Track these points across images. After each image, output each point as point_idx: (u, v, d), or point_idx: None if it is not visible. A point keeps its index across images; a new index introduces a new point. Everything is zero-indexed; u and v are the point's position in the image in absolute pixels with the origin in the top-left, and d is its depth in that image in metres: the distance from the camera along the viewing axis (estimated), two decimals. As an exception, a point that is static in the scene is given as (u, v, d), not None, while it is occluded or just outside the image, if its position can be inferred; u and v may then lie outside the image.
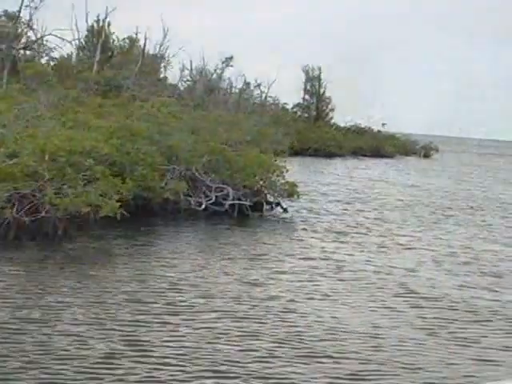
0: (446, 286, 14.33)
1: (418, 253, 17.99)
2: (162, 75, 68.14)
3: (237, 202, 21.94)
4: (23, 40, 54.23)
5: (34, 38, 56.26)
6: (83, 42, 63.48)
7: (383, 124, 76.82)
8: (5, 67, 46.04)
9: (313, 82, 73.97)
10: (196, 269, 14.29)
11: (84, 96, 42.26)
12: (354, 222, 22.50)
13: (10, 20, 48.02)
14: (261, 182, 23.28)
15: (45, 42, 56.65)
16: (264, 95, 72.09)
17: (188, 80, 68.68)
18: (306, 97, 74.38)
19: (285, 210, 23.30)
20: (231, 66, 69.40)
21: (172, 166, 21.78)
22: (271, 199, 23.66)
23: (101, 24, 63.11)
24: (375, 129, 74.79)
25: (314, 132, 60.55)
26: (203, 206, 21.31)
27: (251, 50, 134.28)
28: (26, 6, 51.54)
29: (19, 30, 51.71)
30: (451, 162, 67.77)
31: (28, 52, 58.03)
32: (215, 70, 69.39)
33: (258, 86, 71.56)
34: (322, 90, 73.65)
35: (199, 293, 12.25)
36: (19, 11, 47.69)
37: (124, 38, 66.75)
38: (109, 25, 64.37)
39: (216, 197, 21.82)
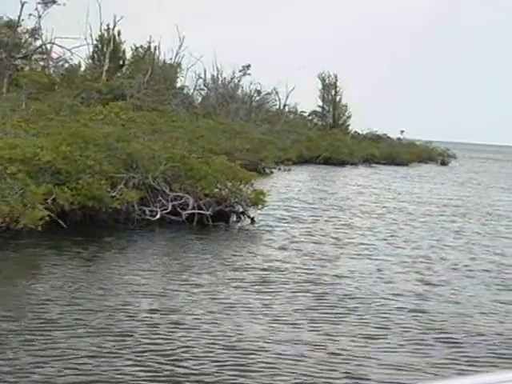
0: (371, 297, 13.52)
1: (365, 262, 17.24)
2: (178, 84, 67.99)
3: (195, 211, 21.16)
4: (31, 48, 54.05)
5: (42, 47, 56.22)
6: (91, 51, 63.39)
7: (401, 131, 75.95)
8: (5, 76, 45.82)
9: (329, 90, 73.19)
10: (106, 280, 13.62)
11: (80, 105, 41.90)
12: (319, 231, 21.78)
13: (10, 29, 47.86)
14: (226, 191, 22.42)
15: (53, 53, 56.56)
16: (282, 103, 71.54)
17: (201, 89, 68.34)
18: (321, 104, 73.65)
19: (252, 220, 22.41)
20: (248, 74, 69.01)
21: (129, 174, 21.12)
22: (238, 208, 22.77)
23: (110, 33, 62.97)
24: (394, 136, 73.98)
25: (326, 139, 59.61)
26: (158, 216, 20.59)
27: (270, 60, 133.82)
28: (30, 15, 51.51)
29: (22, 39, 51.59)
30: (466, 169, 66.59)
31: (41, 62, 58.05)
32: (232, 79, 68.97)
33: (276, 93, 71.00)
34: (338, 98, 72.84)
35: (85, 306, 11.55)
36: (18, 20, 47.57)
37: (137, 48, 66.67)
38: (119, 34, 64.22)
39: (173, 206, 21.09)
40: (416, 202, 31.80)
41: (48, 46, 54.88)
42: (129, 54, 65.94)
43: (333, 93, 72.88)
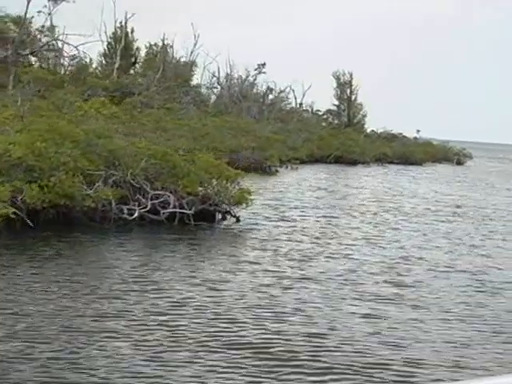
0: (329, 299, 12.95)
1: (339, 263, 16.68)
2: (194, 82, 67.70)
3: (176, 210, 20.61)
4: (39, 45, 53.80)
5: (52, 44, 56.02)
6: (104, 49, 63.25)
7: (417, 130, 75.16)
8: (11, 73, 45.57)
9: (344, 88, 72.48)
10: (55, 282, 13.14)
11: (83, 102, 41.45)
12: (304, 230, 21.25)
13: (17, 25, 47.66)
14: (210, 189, 21.84)
15: (66, 51, 56.38)
16: (298, 101, 71.04)
17: (214, 87, 68.01)
18: (337, 103, 72.97)
19: (237, 219, 21.86)
20: (264, 72, 68.59)
21: (110, 171, 20.65)
22: (224, 207, 22.15)
23: (122, 30, 62.76)
24: (411, 136, 73.27)
25: (338, 138, 58.93)
26: (135, 215, 20.05)
27: (285, 59, 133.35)
28: (39, 12, 51.35)
29: (30, 36, 51.37)
30: (481, 169, 65.61)
31: (51, 60, 57.88)
32: (247, 77, 68.58)
33: (292, 91, 70.53)
34: (353, 96, 72.09)
35: (16, 310, 11.08)
36: (25, 16, 47.38)
37: (151, 45, 66.45)
38: (132, 31, 63.98)
39: (153, 205, 20.55)
40: (416, 202, 31.15)
41: (59, 44, 54.76)
42: (143, 52, 65.84)
43: (348, 91, 72.19)
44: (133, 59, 64.43)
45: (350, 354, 9.87)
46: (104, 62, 62.57)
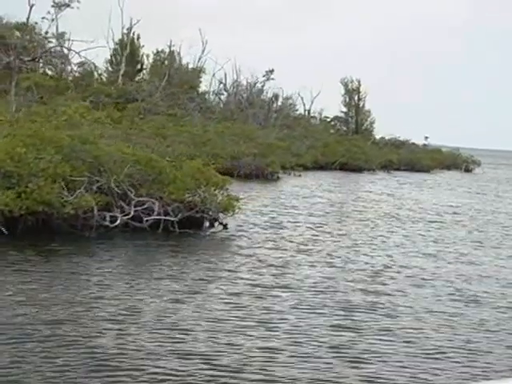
0: (298, 309, 12.57)
1: (320, 271, 16.29)
2: (202, 89, 67.52)
3: (160, 217, 20.21)
4: (41, 51, 53.73)
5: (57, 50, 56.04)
6: (110, 55, 63.16)
7: (426, 137, 74.65)
8: (13, 79, 45.42)
9: (352, 95, 72.05)
10: (12, 289, 12.78)
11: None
12: (292, 237, 20.79)
13: (20, 31, 47.59)
14: (196, 196, 21.41)
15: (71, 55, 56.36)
16: (307, 108, 70.74)
17: (221, 93, 67.78)
18: (345, 109, 72.56)
19: (224, 227, 21.47)
20: (272, 79, 68.37)
21: (94, 177, 20.29)
22: (212, 215, 21.73)
23: (128, 37, 62.64)
24: (420, 142, 72.80)
25: (344, 145, 58.44)
26: (117, 222, 19.63)
27: (293, 65, 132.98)
28: (43, 18, 51.33)
29: (34, 42, 51.31)
30: (489, 176, 64.93)
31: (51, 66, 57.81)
32: (255, 84, 68.33)
33: (301, 98, 70.24)
34: (361, 103, 71.64)
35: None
36: (27, 22, 47.34)
37: (158, 52, 66.36)
38: (138, 38, 63.82)
39: (137, 212, 20.16)
40: (414, 209, 30.68)
41: (65, 50, 54.69)
42: (151, 59, 65.72)
43: (356, 98, 71.75)
44: (139, 66, 64.29)
45: (303, 368, 9.46)
46: (110, 68, 62.46)
